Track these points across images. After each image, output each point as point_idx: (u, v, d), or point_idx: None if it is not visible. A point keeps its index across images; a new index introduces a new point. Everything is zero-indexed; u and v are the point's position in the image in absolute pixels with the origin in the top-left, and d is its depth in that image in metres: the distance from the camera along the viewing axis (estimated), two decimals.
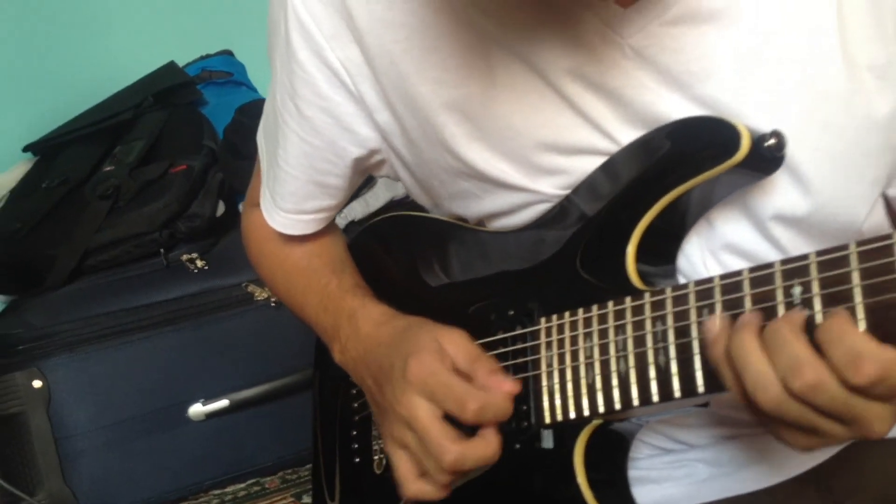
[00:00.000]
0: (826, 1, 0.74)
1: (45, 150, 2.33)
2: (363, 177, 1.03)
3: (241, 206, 2.13)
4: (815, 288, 0.65)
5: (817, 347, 0.63)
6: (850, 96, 0.75)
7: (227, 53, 2.63)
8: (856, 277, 0.63)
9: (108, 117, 2.29)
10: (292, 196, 1.00)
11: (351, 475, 1.06)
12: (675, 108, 0.77)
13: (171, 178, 2.00)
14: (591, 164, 0.82)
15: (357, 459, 1.04)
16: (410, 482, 0.84)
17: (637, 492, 0.84)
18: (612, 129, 0.80)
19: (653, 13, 0.76)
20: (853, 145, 0.77)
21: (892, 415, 0.62)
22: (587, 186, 0.83)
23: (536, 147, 0.83)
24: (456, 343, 0.83)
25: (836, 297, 0.63)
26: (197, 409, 1.92)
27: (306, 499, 1.93)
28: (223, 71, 2.55)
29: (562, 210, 0.85)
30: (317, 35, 0.87)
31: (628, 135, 0.80)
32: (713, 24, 0.75)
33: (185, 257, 1.99)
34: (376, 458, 1.01)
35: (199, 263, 1.98)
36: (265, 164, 1.04)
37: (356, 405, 1.05)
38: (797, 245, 0.79)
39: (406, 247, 1.01)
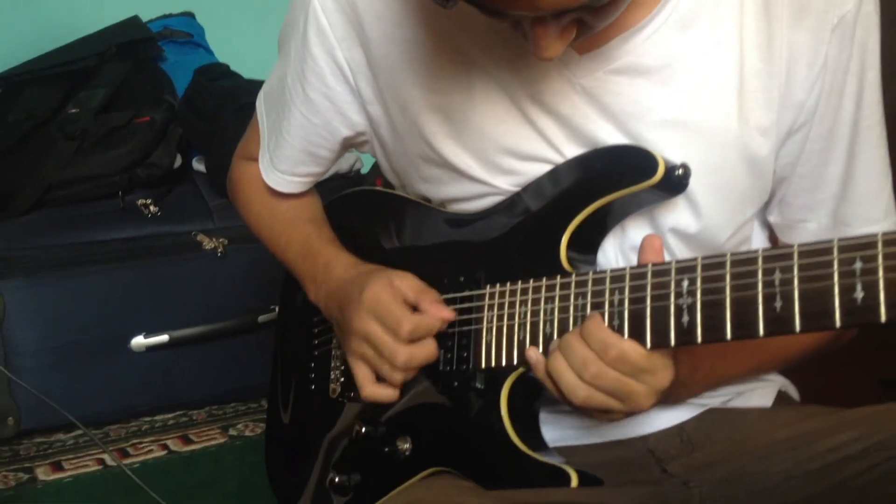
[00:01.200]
0: (732, 70, 0.99)
1: (8, 85, 2.45)
2: (346, 151, 1.24)
3: (194, 161, 2.32)
4: (699, 283, 0.88)
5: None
6: (739, 147, 1.00)
7: (189, 15, 2.78)
8: (727, 277, 0.86)
9: (72, 61, 2.43)
10: (288, 160, 1.21)
11: (306, 397, 1.27)
12: (610, 136, 1.01)
13: (136, 128, 2.16)
14: (540, 169, 1.05)
15: (312, 386, 1.25)
16: (368, 386, 1.09)
17: (544, 428, 1.06)
18: (559, 144, 1.03)
19: (601, 63, 0.99)
20: (735, 185, 1.02)
21: (651, 392, 0.91)
22: (535, 187, 1.05)
23: (498, 150, 1.05)
24: (404, 279, 1.07)
25: (713, 290, 0.87)
26: (139, 341, 2.09)
27: (232, 431, 2.12)
28: (183, 31, 2.70)
29: (512, 202, 1.07)
30: (330, 36, 1.08)
31: (572, 151, 1.03)
32: (647, 79, 0.99)
33: (140, 202, 2.17)
34: (332, 385, 1.22)
35: (153, 209, 2.16)
36: (265, 129, 1.24)
37: (317, 342, 1.26)
38: (684, 253, 1.04)
39: (377, 215, 1.22)
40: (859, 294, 0.77)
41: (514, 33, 0.90)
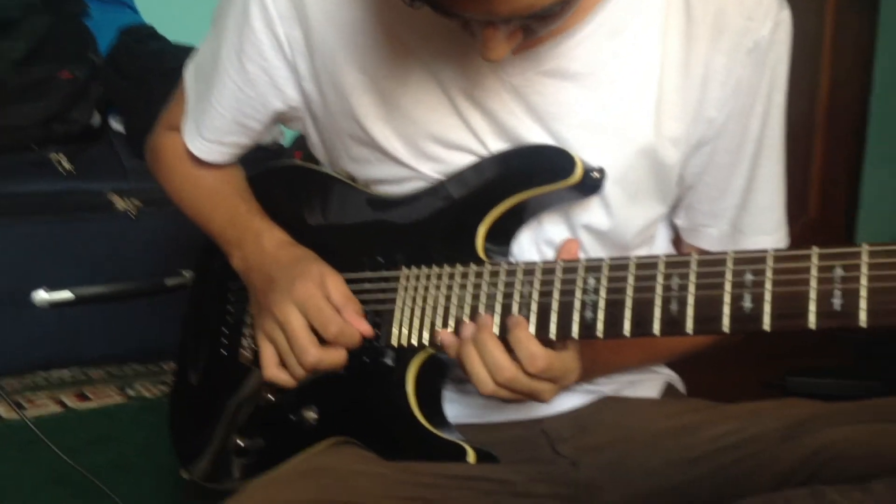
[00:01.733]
0: (652, 82, 1.06)
1: None
2: (275, 125, 1.27)
3: (111, 120, 2.31)
4: (604, 281, 0.95)
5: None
6: (651, 154, 1.07)
7: None
8: (630, 279, 0.93)
9: None
10: (217, 130, 1.23)
11: (216, 360, 1.30)
12: (533, 134, 1.07)
13: (57, 82, 2.14)
14: (464, 159, 1.10)
15: (223, 350, 1.28)
16: (271, 368, 1.13)
17: (448, 406, 1.12)
18: (485, 138, 1.09)
19: (532, 63, 1.05)
20: (645, 188, 1.09)
21: (557, 390, 1.00)
22: (458, 176, 1.10)
23: (426, 137, 1.10)
24: (335, 282, 1.10)
25: (616, 290, 0.94)
26: (41, 296, 2.06)
27: (130, 391, 2.13)
28: None
29: (434, 189, 1.12)
30: (273, 12, 1.12)
31: (496, 144, 1.08)
32: (572, 83, 1.05)
33: (53, 157, 2.15)
34: (243, 351, 1.25)
35: (67, 166, 2.14)
36: (193, 99, 1.26)
37: (231, 308, 1.29)
38: (595, 248, 1.11)
39: (301, 191, 1.25)
40: (747, 304, 0.85)
41: (455, 28, 0.95)
